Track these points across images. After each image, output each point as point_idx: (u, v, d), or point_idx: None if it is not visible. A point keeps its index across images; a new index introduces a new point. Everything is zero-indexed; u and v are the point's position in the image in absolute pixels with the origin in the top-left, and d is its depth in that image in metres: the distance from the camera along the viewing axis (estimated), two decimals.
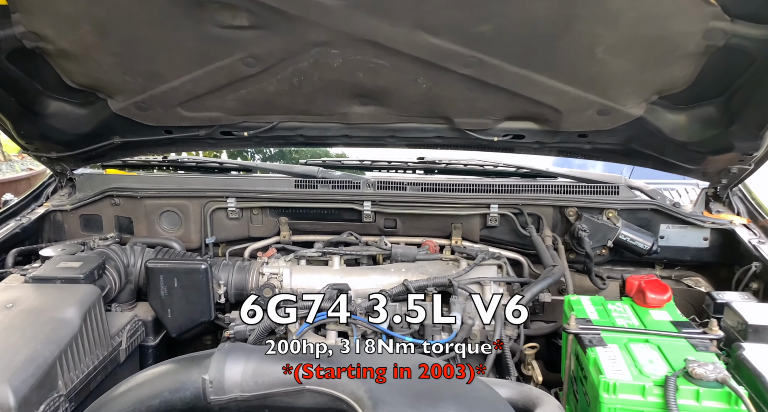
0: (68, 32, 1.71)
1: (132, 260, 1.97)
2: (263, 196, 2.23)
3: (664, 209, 2.18)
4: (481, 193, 2.25)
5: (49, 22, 1.68)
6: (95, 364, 1.59)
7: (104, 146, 2.28)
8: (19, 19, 1.66)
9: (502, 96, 1.90)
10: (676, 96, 1.87)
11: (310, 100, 2.00)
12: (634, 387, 1.29)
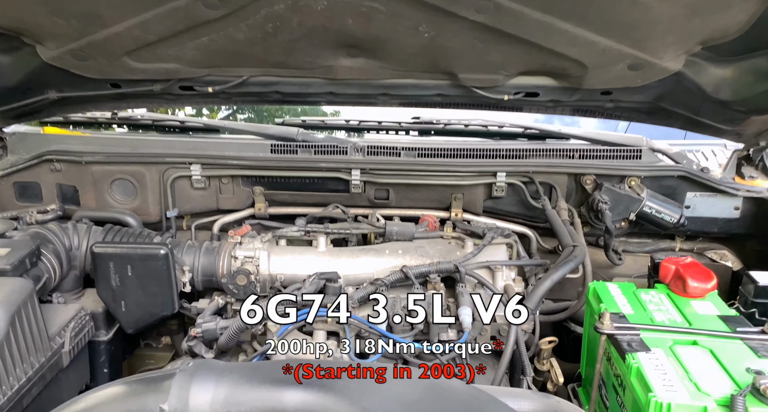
0: None
1: (75, 241, 1.69)
2: (233, 163, 1.95)
3: (693, 175, 1.97)
4: (486, 160, 2.00)
5: None
6: (29, 375, 1.34)
7: (37, 102, 1.96)
8: None
9: (519, 47, 1.62)
10: (724, 46, 1.61)
11: (288, 51, 1.69)
12: (693, 409, 1.09)
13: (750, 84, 1.71)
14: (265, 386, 1.05)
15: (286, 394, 1.04)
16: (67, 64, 1.77)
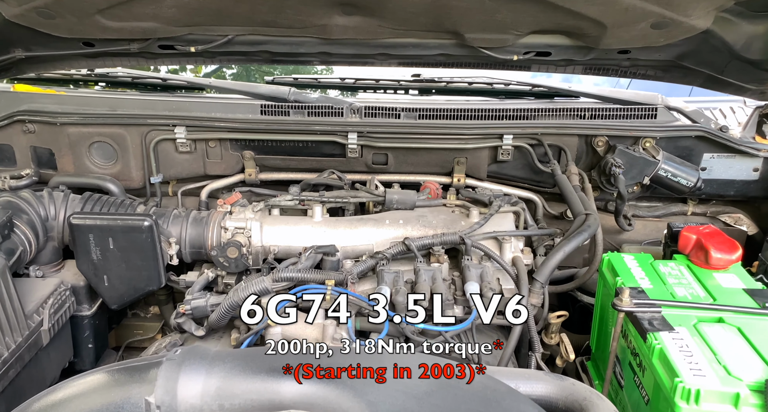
0: None
1: (52, 210, 1.58)
2: (221, 125, 1.82)
3: (712, 134, 1.87)
4: (491, 121, 1.89)
5: None
6: (5, 356, 1.25)
7: (3, 60, 1.81)
8: None
9: (533, 6, 1.48)
10: (758, 1, 1.48)
11: (277, 9, 1.54)
12: (724, 396, 1.02)
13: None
14: (261, 376, 0.96)
15: (283, 385, 0.95)
16: (32, 22, 1.62)
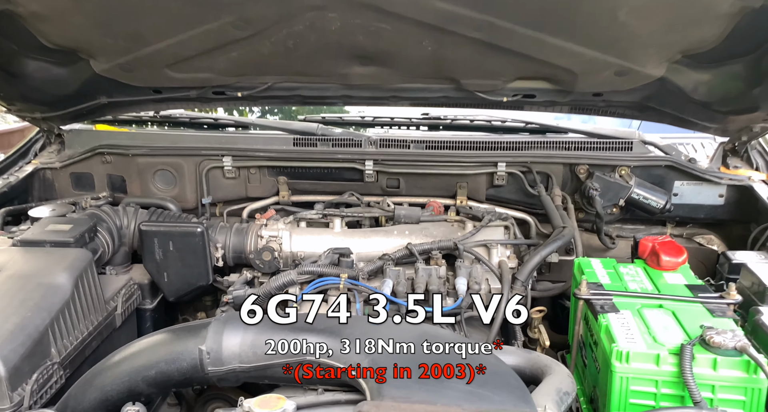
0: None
1: (125, 221, 1.91)
2: (260, 155, 2.15)
3: (680, 165, 2.10)
4: (488, 151, 2.16)
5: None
6: (90, 330, 1.55)
7: (91, 106, 2.20)
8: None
9: (514, 58, 1.79)
10: (702, 54, 1.75)
11: (307, 62, 1.89)
12: (648, 356, 1.25)
13: (726, 87, 1.84)
14: (285, 332, 1.24)
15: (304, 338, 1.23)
16: (116, 75, 2.00)
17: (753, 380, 1.20)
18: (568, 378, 1.30)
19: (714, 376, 1.21)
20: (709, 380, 1.21)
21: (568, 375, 1.31)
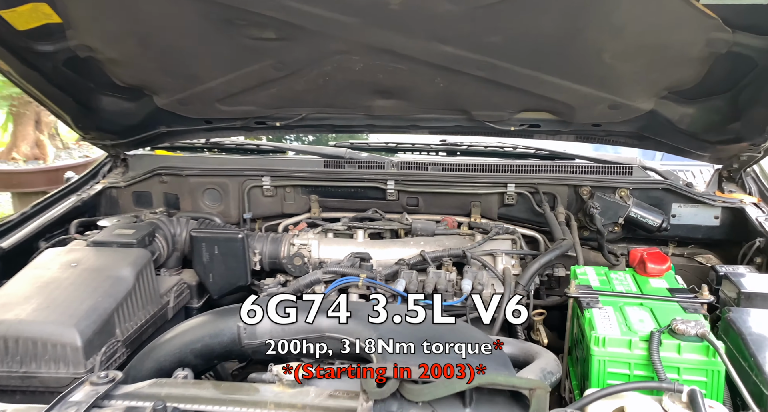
0: (114, 44, 1.93)
1: (178, 230, 2.18)
2: (295, 175, 2.40)
3: (676, 188, 2.25)
4: (498, 173, 2.36)
5: (97, 37, 1.89)
6: (146, 318, 1.79)
7: (152, 134, 2.51)
8: (72, 35, 1.87)
9: (515, 93, 2.01)
10: (685, 91, 1.93)
11: (335, 96, 2.16)
12: (622, 341, 1.41)
13: (710, 120, 2.01)
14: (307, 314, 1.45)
15: (321, 319, 1.44)
16: (174, 108, 2.31)
17: (712, 363, 1.34)
18: (554, 362, 1.47)
19: (678, 359, 1.36)
20: (675, 363, 1.36)
21: (554, 359, 1.48)
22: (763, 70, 1.68)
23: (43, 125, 7.27)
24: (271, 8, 1.65)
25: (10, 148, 6.91)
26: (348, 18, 1.65)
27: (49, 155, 7.05)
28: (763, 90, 1.75)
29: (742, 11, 1.51)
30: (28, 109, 6.86)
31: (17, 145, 6.88)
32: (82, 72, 2.05)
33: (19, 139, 6.88)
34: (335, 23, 1.67)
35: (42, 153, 7.01)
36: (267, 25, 1.74)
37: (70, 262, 1.77)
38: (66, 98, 2.13)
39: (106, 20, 1.81)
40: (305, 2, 1.62)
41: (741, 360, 1.38)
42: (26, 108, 6.83)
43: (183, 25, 1.79)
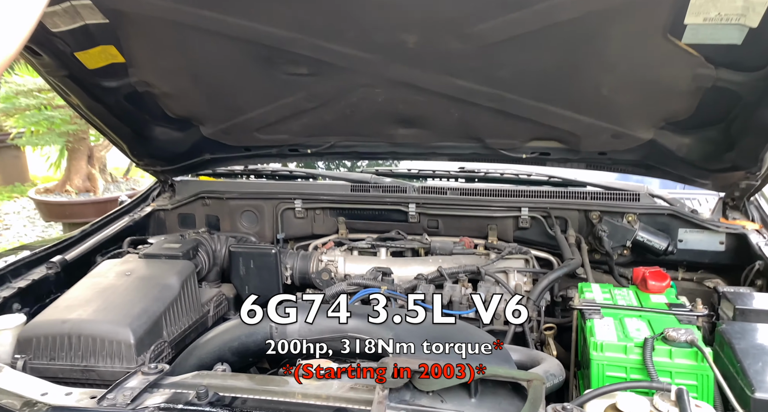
0: (168, 80, 2.18)
1: (218, 246, 2.37)
2: (325, 199, 2.58)
3: (681, 214, 2.34)
4: (513, 198, 2.49)
5: (154, 73, 2.14)
6: (189, 323, 1.96)
7: (197, 161, 2.74)
8: (133, 72, 2.12)
9: (524, 123, 2.17)
10: (681, 122, 2.06)
11: (361, 125, 2.36)
12: (618, 347, 1.51)
13: (706, 150, 2.13)
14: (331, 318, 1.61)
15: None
16: (218, 137, 2.53)
17: (702, 367, 1.44)
18: (557, 366, 1.58)
19: (670, 364, 1.46)
20: (667, 368, 1.46)
21: (558, 364, 1.59)
22: (747, 103, 1.81)
23: (94, 160, 7.67)
24: (305, 47, 1.87)
25: (64, 181, 7.32)
26: (371, 55, 1.86)
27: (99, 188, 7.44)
28: (750, 121, 1.86)
29: (721, 50, 1.65)
30: (82, 145, 7.26)
31: (71, 179, 7.28)
32: (140, 105, 2.30)
33: (72, 173, 7.29)
34: (360, 60, 1.88)
35: (93, 186, 7.39)
36: (301, 62, 1.95)
37: (124, 271, 1.97)
38: (124, 128, 2.37)
39: (163, 59, 2.05)
40: (334, 42, 1.84)
41: (730, 366, 1.47)
42: (80, 144, 7.22)
43: (229, 62, 2.02)
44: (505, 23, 1.66)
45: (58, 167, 7.58)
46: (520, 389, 1.30)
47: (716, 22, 1.58)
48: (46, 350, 1.65)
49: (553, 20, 1.64)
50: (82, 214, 6.24)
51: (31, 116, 6.14)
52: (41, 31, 1.77)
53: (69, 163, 7.31)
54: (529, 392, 1.23)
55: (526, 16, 1.63)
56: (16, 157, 8.92)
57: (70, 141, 6.79)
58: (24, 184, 9.08)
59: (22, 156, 9.21)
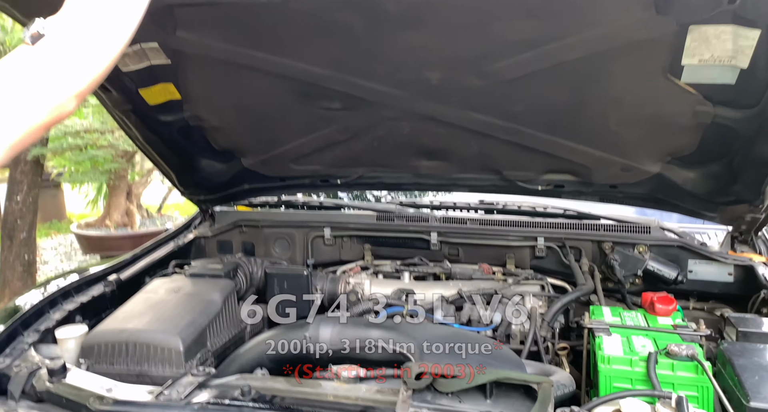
0: (218, 115, 2.41)
1: (255, 269, 2.54)
2: (352, 227, 2.76)
3: (690, 246, 2.44)
4: (530, 228, 2.63)
5: (206, 109, 2.37)
6: (229, 337, 2.12)
7: (237, 191, 2.95)
8: (187, 108, 2.36)
9: (539, 155, 2.34)
10: (686, 157, 2.19)
11: (387, 157, 2.55)
12: (624, 360, 1.63)
13: (710, 184, 2.25)
14: (361, 326, 1.76)
15: (371, 332, 1.74)
16: (257, 167, 2.75)
17: (702, 380, 1.54)
18: (568, 378, 1.70)
19: (672, 376, 1.56)
20: (670, 380, 1.56)
21: (568, 376, 1.71)
22: (745, 139, 1.94)
23: (133, 196, 8.05)
24: (339, 84, 2.09)
25: (104, 216, 7.68)
26: (398, 91, 2.07)
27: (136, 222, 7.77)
28: (749, 156, 1.99)
29: (717, 89, 1.81)
30: (122, 183, 7.64)
31: (110, 214, 7.63)
32: (190, 137, 2.53)
33: (112, 209, 7.65)
34: (388, 95, 2.08)
35: (131, 221, 7.73)
36: (335, 97, 2.17)
37: (173, 288, 2.15)
38: (175, 159, 2.60)
39: (214, 95, 2.29)
40: (365, 79, 2.05)
41: (729, 381, 1.57)
42: (120, 181, 7.60)
43: (271, 98, 2.24)
44: (519, 62, 1.86)
45: (95, 204, 7.96)
46: (531, 391, 1.43)
47: (710, 63, 1.74)
48: (106, 355, 1.82)
49: (562, 59, 1.83)
50: (120, 247, 6.53)
51: (76, 155, 6.53)
52: (113, 70, 2.02)
53: (109, 199, 7.68)
54: (539, 394, 1.36)
55: (537, 56, 1.83)
56: (54, 195, 9.36)
57: (111, 178, 7.16)
58: (61, 222, 9.49)
59: (60, 195, 9.65)
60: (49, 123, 1.11)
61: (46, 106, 1.09)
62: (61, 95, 1.10)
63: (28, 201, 5.34)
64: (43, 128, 1.11)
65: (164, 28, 1.87)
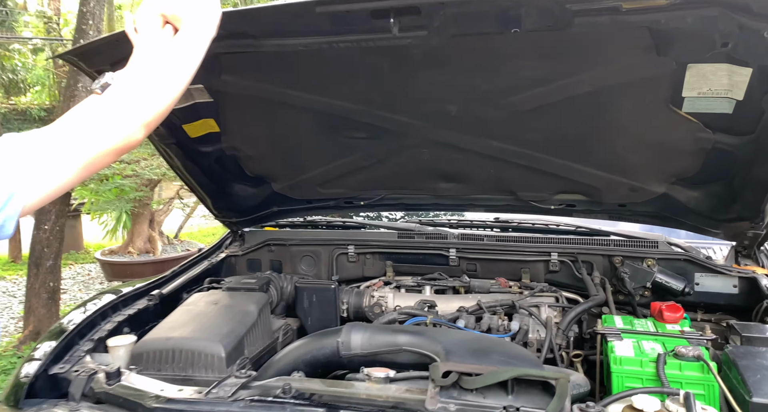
0: (252, 145, 2.59)
1: (285, 283, 2.68)
2: (374, 244, 2.89)
3: (695, 259, 2.54)
4: (543, 244, 2.75)
5: (242, 140, 2.56)
6: (263, 347, 2.25)
7: (266, 213, 3.11)
8: (225, 139, 2.54)
9: (551, 177, 2.48)
10: (690, 178, 2.33)
11: (408, 180, 2.71)
12: (635, 361, 1.74)
13: (712, 203, 2.38)
14: (389, 332, 1.88)
15: (399, 337, 1.86)
16: (285, 191, 2.91)
17: (708, 378, 1.65)
18: (583, 379, 1.81)
19: (680, 375, 1.67)
20: (678, 379, 1.67)
21: (583, 376, 1.82)
22: (743, 163, 2.07)
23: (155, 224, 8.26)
24: (365, 116, 2.26)
25: (127, 243, 7.89)
26: (419, 122, 2.23)
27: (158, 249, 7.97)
28: (748, 177, 2.11)
29: (716, 117, 1.95)
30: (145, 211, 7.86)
31: (134, 241, 7.84)
32: (225, 166, 2.70)
33: (135, 236, 7.85)
34: (410, 126, 2.25)
35: (153, 247, 7.92)
36: (360, 127, 2.33)
37: (212, 301, 2.30)
38: (211, 185, 2.77)
39: (250, 128, 2.47)
40: (389, 111, 2.22)
41: (734, 380, 1.67)
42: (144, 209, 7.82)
43: (301, 129, 2.42)
44: (532, 96, 2.02)
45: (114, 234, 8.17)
46: (549, 387, 1.54)
47: (709, 96, 1.89)
48: (154, 362, 1.96)
49: (572, 93, 1.99)
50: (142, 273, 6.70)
51: (98, 185, 6.77)
52: None
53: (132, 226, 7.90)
54: (557, 389, 1.47)
55: (550, 90, 1.99)
56: (73, 226, 9.48)
57: (136, 206, 7.38)
58: (78, 252, 9.67)
59: (79, 225, 9.82)
60: (119, 149, 1.28)
61: (113, 134, 1.26)
62: (128, 126, 1.28)
63: (55, 230, 5.46)
64: (113, 153, 1.28)
65: (210, 73, 2.05)
